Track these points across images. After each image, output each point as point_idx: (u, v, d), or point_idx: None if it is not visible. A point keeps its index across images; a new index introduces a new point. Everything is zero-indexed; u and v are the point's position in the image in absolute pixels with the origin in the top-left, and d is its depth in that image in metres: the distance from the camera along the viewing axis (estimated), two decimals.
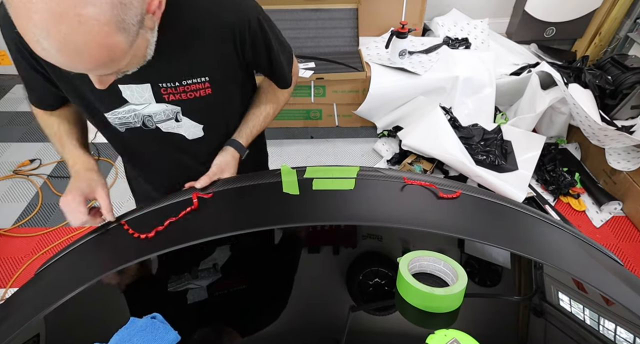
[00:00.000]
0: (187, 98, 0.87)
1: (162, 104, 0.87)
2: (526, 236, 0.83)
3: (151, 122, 0.91)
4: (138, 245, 0.77)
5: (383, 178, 0.91)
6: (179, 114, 0.90)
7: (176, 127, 0.93)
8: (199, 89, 0.87)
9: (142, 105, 0.87)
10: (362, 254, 0.75)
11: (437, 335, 0.54)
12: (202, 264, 0.71)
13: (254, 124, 1.04)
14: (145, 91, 0.84)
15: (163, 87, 0.84)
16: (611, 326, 0.62)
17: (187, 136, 0.97)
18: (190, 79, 0.85)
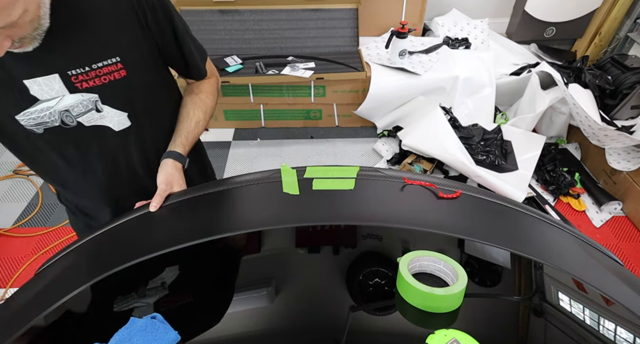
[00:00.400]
0: (102, 83, 0.81)
1: (76, 94, 0.80)
2: (526, 236, 0.82)
3: (70, 117, 0.83)
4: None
5: (383, 178, 0.91)
6: (98, 103, 0.84)
7: (99, 119, 0.86)
8: (112, 71, 0.81)
9: (55, 99, 0.79)
10: (362, 254, 0.75)
11: (437, 335, 0.54)
12: (151, 283, 0.69)
13: (187, 130, 0.99)
14: (54, 83, 0.78)
15: (73, 75, 0.78)
16: (611, 326, 0.62)
17: (114, 126, 0.89)
18: (100, 62, 0.79)
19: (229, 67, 2.46)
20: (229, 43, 2.60)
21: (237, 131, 2.89)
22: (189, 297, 0.69)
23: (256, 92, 2.65)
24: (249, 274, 0.74)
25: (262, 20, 2.55)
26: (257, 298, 0.68)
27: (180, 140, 0.98)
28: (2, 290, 1.91)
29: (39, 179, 2.44)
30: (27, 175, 2.46)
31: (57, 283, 0.75)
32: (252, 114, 2.83)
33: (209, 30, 2.55)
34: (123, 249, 0.78)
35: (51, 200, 2.33)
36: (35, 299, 0.72)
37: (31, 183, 2.42)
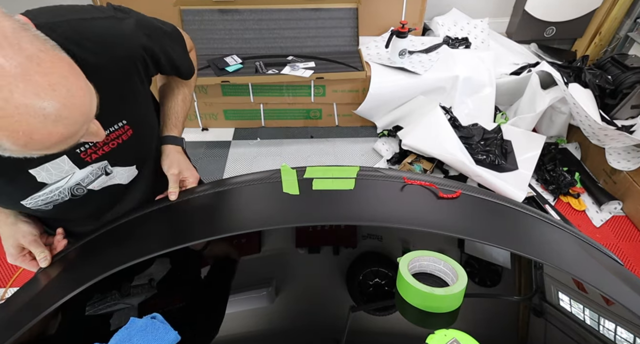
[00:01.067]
0: (111, 148, 0.78)
1: (86, 167, 0.77)
2: (526, 236, 0.82)
3: (81, 189, 0.80)
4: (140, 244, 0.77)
5: (383, 178, 0.91)
6: (108, 167, 0.81)
7: (109, 181, 0.84)
8: (120, 135, 0.78)
9: (64, 179, 0.76)
10: (362, 254, 0.75)
11: (437, 335, 0.54)
12: (137, 279, 0.64)
13: (176, 110, 0.97)
14: (63, 164, 0.73)
15: (82, 151, 0.74)
16: (611, 326, 0.62)
17: (123, 182, 0.88)
18: (107, 129, 0.75)
19: (229, 67, 2.46)
20: (229, 43, 2.60)
21: (237, 131, 2.89)
22: (180, 301, 0.65)
23: (256, 91, 2.65)
24: (249, 274, 0.74)
25: (262, 19, 2.55)
26: (257, 298, 0.68)
27: (170, 122, 0.96)
28: (2, 290, 1.91)
29: None
30: None
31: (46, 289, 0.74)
32: (252, 114, 2.83)
33: (209, 30, 2.54)
34: (120, 250, 0.78)
35: None
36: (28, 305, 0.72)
37: None
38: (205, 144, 2.78)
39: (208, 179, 2.45)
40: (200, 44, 2.55)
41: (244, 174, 0.98)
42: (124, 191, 0.90)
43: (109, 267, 0.68)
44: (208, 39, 2.56)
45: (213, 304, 0.65)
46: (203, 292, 0.70)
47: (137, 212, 0.87)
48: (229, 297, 0.67)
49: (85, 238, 0.85)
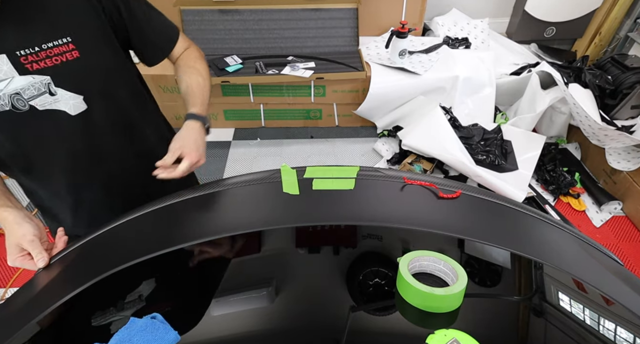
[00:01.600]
0: (54, 64, 0.78)
1: (27, 75, 0.77)
2: (526, 236, 0.83)
3: (22, 101, 0.78)
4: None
5: (383, 178, 0.91)
6: (51, 86, 0.80)
7: (53, 102, 0.82)
8: (63, 52, 0.78)
9: (4, 81, 0.76)
10: (362, 254, 0.75)
11: (437, 335, 0.54)
12: (128, 296, 0.68)
13: (193, 91, 0.96)
14: (2, 64, 0.74)
15: (22, 56, 0.75)
16: (611, 326, 0.62)
17: (69, 110, 0.85)
18: (50, 42, 0.76)
19: (229, 67, 2.46)
20: (229, 43, 2.60)
21: (237, 131, 2.89)
22: (167, 306, 0.68)
23: (256, 92, 2.65)
24: (249, 274, 0.74)
25: (262, 20, 2.55)
26: (257, 298, 0.68)
27: (189, 102, 0.95)
28: (2, 290, 1.91)
29: None
30: None
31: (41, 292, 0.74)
32: (252, 114, 2.83)
33: (209, 30, 2.54)
34: (117, 252, 0.78)
35: None
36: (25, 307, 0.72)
37: None
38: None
39: (208, 179, 2.45)
40: (201, 44, 2.51)
41: (244, 174, 0.98)
42: (71, 125, 0.87)
43: (106, 268, 0.68)
44: (208, 39, 2.56)
45: (195, 306, 0.68)
46: (186, 296, 0.71)
47: (133, 212, 0.87)
48: (230, 297, 0.68)
49: (84, 238, 0.85)
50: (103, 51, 0.86)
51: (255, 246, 0.81)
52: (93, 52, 0.83)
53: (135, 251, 0.74)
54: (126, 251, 0.77)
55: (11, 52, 0.74)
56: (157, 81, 2.53)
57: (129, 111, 0.97)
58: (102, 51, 0.86)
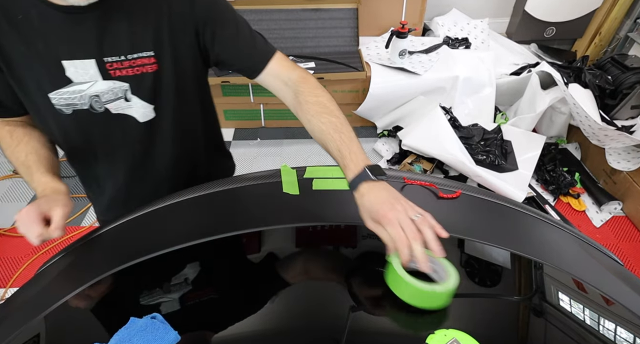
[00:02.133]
0: (134, 74, 0.84)
1: (109, 81, 0.83)
2: (526, 236, 0.83)
3: (99, 103, 0.85)
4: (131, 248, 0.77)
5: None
6: (128, 93, 0.86)
7: (126, 108, 0.88)
8: (145, 64, 0.84)
9: (87, 83, 0.82)
10: (362, 254, 0.75)
11: (437, 335, 0.54)
12: (174, 279, 0.71)
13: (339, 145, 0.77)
14: (90, 67, 0.80)
15: (108, 62, 0.81)
16: (611, 326, 0.62)
17: (138, 117, 0.91)
18: (136, 53, 0.82)
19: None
20: None
21: (237, 131, 2.89)
22: (210, 292, 0.70)
23: (256, 92, 2.65)
24: (250, 274, 0.74)
25: (262, 20, 2.55)
26: (257, 298, 0.68)
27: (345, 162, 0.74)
28: (2, 290, 1.91)
29: None
30: None
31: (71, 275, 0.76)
32: (252, 114, 2.83)
33: None
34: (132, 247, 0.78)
35: None
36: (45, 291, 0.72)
37: None
38: None
39: None
40: None
41: (244, 174, 0.98)
42: (137, 131, 0.92)
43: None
44: None
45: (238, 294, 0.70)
46: (228, 285, 0.73)
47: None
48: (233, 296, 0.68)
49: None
50: (182, 68, 0.89)
51: (255, 246, 0.81)
52: (172, 68, 0.87)
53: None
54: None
55: (100, 57, 0.80)
56: None
57: (193, 125, 1.01)
58: (181, 68, 0.89)
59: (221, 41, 0.88)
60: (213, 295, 0.70)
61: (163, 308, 0.64)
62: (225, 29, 0.87)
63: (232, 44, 0.89)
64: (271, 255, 0.78)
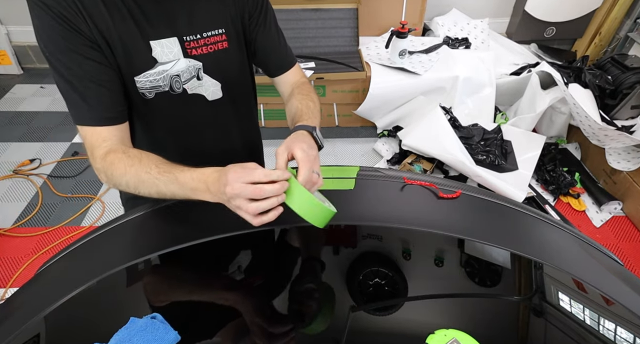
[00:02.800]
0: (208, 52, 0.86)
1: (187, 59, 0.85)
2: (526, 236, 0.83)
3: (178, 83, 0.86)
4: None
5: (383, 178, 0.91)
6: (201, 71, 0.88)
7: (198, 87, 0.90)
8: (217, 41, 0.87)
9: (170, 63, 0.83)
10: (362, 254, 0.75)
11: (437, 335, 0.54)
12: (230, 267, 0.73)
13: (300, 109, 0.97)
14: (173, 45, 0.82)
15: (187, 41, 0.83)
16: (611, 326, 0.62)
17: (208, 96, 0.93)
18: (210, 31, 0.85)
19: None
20: None
21: None
22: (260, 279, 0.73)
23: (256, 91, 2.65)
24: (249, 274, 0.74)
25: None
26: (257, 298, 0.68)
27: (301, 118, 0.94)
28: (2, 290, 1.91)
29: (39, 179, 2.44)
30: (27, 175, 2.46)
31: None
32: None
33: None
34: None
35: (51, 200, 2.32)
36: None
37: (31, 183, 2.42)
38: None
39: None
40: None
41: None
42: (205, 108, 0.94)
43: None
44: None
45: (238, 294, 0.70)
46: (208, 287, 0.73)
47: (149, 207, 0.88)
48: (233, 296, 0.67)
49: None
50: (243, 46, 0.94)
51: (256, 246, 0.81)
52: (238, 45, 0.91)
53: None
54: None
55: (181, 36, 0.82)
56: None
57: (247, 106, 1.07)
58: (242, 46, 0.94)
59: (264, 31, 0.94)
60: (211, 296, 0.70)
61: (163, 309, 0.64)
62: (267, 22, 0.94)
63: (271, 37, 0.97)
64: (271, 255, 0.78)
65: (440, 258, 0.76)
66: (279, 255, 0.79)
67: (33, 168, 2.50)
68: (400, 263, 0.73)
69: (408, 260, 0.75)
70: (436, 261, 0.75)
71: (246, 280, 0.72)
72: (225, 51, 0.88)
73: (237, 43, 0.91)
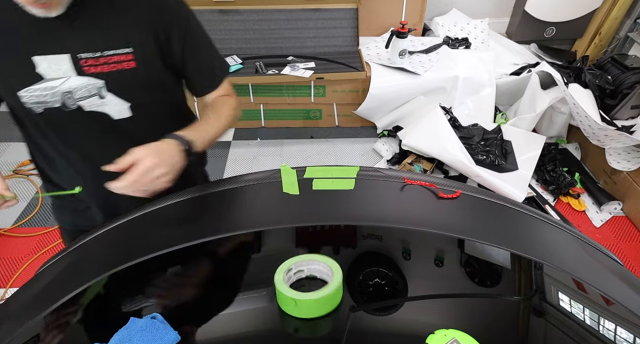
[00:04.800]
0: (110, 70, 0.82)
1: (83, 77, 0.81)
2: (526, 236, 0.83)
3: (71, 100, 0.83)
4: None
5: (383, 178, 0.91)
6: (103, 90, 0.84)
7: (100, 105, 0.86)
8: (122, 61, 0.83)
9: (60, 79, 0.80)
10: (362, 254, 0.75)
11: (437, 335, 0.54)
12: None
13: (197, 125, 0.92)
14: (63, 63, 0.79)
15: (83, 59, 0.80)
16: (611, 326, 0.62)
17: (113, 115, 0.89)
18: (112, 50, 0.81)
19: (229, 67, 2.46)
20: (229, 43, 2.60)
21: (237, 131, 2.89)
22: (193, 294, 0.70)
23: (256, 92, 2.65)
24: (249, 274, 0.74)
25: (262, 20, 2.55)
26: (257, 298, 0.68)
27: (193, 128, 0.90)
28: (2, 290, 1.91)
29: (39, 179, 2.44)
30: (27, 175, 2.46)
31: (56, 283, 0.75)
32: (252, 114, 2.83)
33: (209, 30, 2.51)
34: (124, 250, 0.78)
35: (51, 200, 2.33)
36: (34, 299, 0.72)
37: (31, 183, 2.42)
38: None
39: None
40: None
41: (244, 174, 0.98)
42: (111, 128, 0.90)
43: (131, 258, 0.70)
44: None
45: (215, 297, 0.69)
46: (208, 287, 0.72)
47: (137, 211, 0.87)
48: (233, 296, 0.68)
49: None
50: (158, 67, 0.90)
51: (255, 246, 0.81)
52: (149, 65, 0.87)
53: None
54: (148, 242, 0.78)
55: (75, 53, 0.79)
56: None
57: (166, 126, 0.98)
58: (157, 67, 0.89)
59: (188, 52, 0.91)
60: (211, 296, 0.70)
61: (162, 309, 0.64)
62: (191, 42, 0.91)
63: (197, 58, 0.93)
64: (272, 255, 0.78)
65: (440, 258, 0.76)
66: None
67: (33, 168, 2.50)
68: (400, 263, 0.73)
69: (408, 260, 0.75)
70: (436, 261, 0.75)
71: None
72: (132, 71, 0.85)
73: (149, 63, 0.87)
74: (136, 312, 0.63)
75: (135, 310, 0.65)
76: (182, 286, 0.72)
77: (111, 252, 0.81)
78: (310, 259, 0.65)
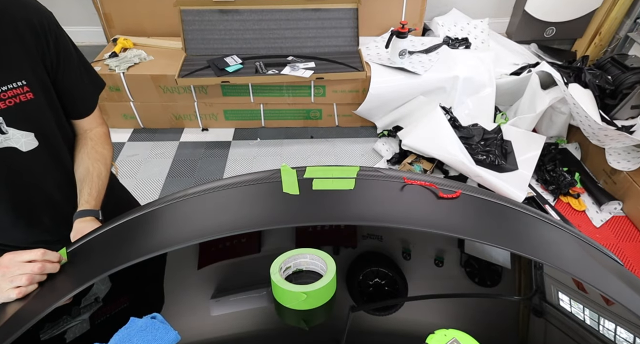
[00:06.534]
0: (7, 106, 0.80)
1: None
2: (526, 236, 0.82)
3: None
4: None
5: (383, 178, 0.91)
6: (3, 126, 0.82)
7: (3, 141, 0.84)
8: (17, 94, 0.81)
9: None
10: (362, 254, 0.75)
11: (437, 335, 0.54)
12: (83, 301, 0.68)
13: (89, 186, 0.95)
14: None
15: None
16: (611, 326, 0.62)
17: (21, 147, 0.86)
18: (5, 85, 0.79)
19: (229, 67, 2.46)
20: (229, 43, 2.60)
21: (237, 131, 2.89)
22: (125, 302, 0.69)
23: (256, 92, 2.65)
24: (249, 274, 0.74)
25: (262, 20, 2.55)
26: (257, 298, 0.68)
27: (84, 198, 0.93)
28: None
29: None
30: None
31: None
32: (252, 114, 2.83)
33: (209, 30, 2.54)
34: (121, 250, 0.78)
35: None
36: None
37: None
38: (205, 144, 2.78)
39: (208, 180, 2.45)
40: (201, 44, 2.55)
41: (243, 174, 0.98)
42: (22, 161, 0.88)
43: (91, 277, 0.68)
44: (208, 39, 2.56)
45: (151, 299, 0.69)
46: (143, 291, 0.72)
47: (130, 214, 0.87)
48: (230, 297, 0.68)
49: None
50: (52, 92, 0.89)
51: (255, 246, 0.81)
52: (45, 93, 0.86)
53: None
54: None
55: None
56: (156, 81, 2.53)
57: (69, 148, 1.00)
58: (51, 92, 0.89)
59: (67, 75, 0.90)
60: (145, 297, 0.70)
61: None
62: (69, 64, 0.89)
63: (74, 81, 0.92)
64: (272, 255, 0.78)
65: (440, 258, 0.76)
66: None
67: None
68: (400, 263, 0.73)
69: (408, 260, 0.75)
70: (436, 261, 0.75)
71: None
72: (31, 102, 0.83)
73: (47, 90, 0.86)
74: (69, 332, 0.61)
75: (68, 331, 0.62)
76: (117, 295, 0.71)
77: (111, 252, 0.81)
78: (304, 253, 0.66)
